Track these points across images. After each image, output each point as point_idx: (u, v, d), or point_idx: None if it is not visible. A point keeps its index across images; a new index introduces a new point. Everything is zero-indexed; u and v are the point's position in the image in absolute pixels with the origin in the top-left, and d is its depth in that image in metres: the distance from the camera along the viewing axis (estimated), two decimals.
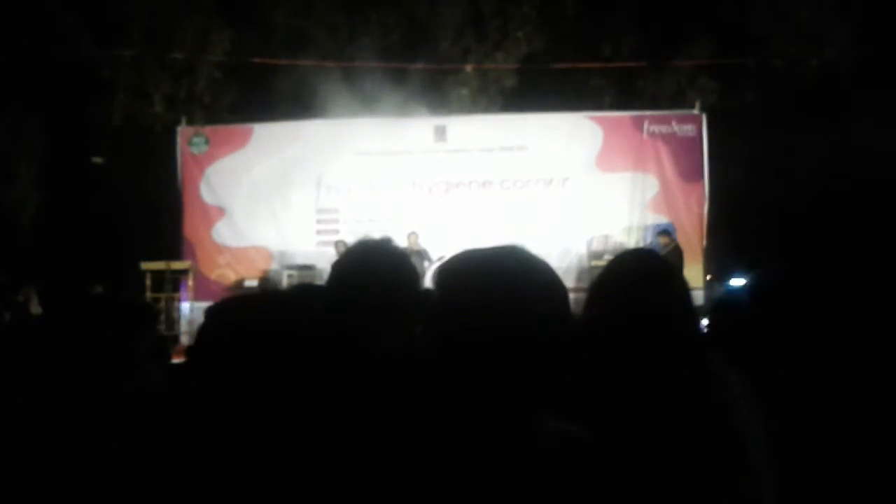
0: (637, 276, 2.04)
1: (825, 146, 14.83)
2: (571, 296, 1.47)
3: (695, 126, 15.64)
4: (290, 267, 14.74)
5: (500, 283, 1.35)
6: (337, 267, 2.00)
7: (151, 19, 15.67)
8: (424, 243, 13.64)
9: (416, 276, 2.01)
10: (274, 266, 15.48)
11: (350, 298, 1.92)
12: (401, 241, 10.87)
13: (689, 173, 15.51)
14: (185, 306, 14.38)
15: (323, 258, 13.94)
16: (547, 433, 1.29)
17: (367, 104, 15.71)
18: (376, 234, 2.09)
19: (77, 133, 17.00)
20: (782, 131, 15.43)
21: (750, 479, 1.92)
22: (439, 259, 12.58)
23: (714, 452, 1.86)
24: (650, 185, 15.55)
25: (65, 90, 16.26)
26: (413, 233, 13.57)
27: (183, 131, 16.05)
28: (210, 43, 15.76)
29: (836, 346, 2.32)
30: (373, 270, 1.92)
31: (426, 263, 13.23)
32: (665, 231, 14.00)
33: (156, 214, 15.90)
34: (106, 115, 15.90)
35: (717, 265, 15.73)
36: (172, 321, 14.26)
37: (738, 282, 12.28)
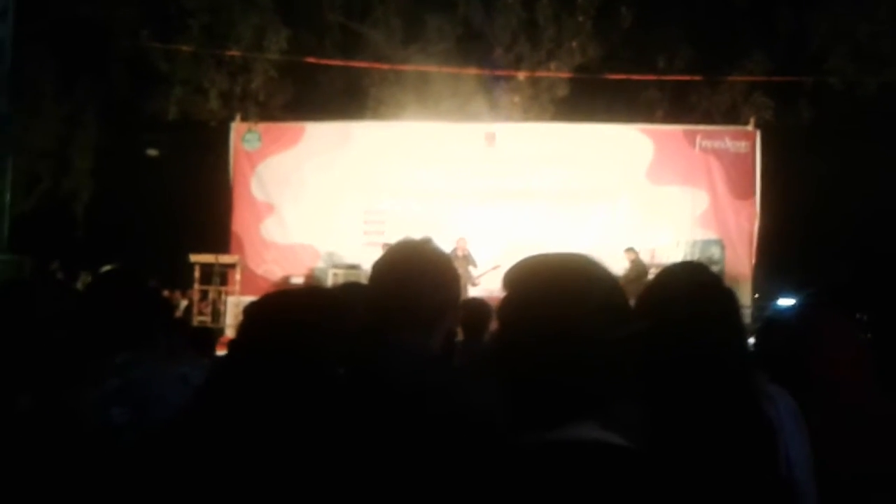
0: (686, 289, 2.03)
1: (880, 168, 14.58)
2: None
3: (748, 142, 15.49)
4: (337, 265, 14.83)
5: (563, 286, 1.38)
6: (374, 267, 2.02)
7: (210, 16, 15.87)
8: (472, 248, 13.56)
9: (449, 279, 1.98)
10: (320, 264, 15.60)
11: (381, 298, 1.93)
12: (448, 245, 10.70)
13: (741, 190, 15.36)
14: (232, 300, 14.54)
15: (369, 258, 14.04)
16: (589, 442, 1.28)
17: (418, 107, 15.76)
18: (420, 235, 2.08)
19: (133, 125, 17.29)
20: (837, 151, 15.18)
21: (791, 499, 1.91)
22: (495, 268, 12.57)
23: (756, 468, 1.85)
24: (700, 199, 15.41)
25: (122, 82, 16.55)
26: (462, 238, 13.53)
27: (237, 127, 16.28)
28: (267, 41, 15.92)
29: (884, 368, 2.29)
30: (403, 270, 1.92)
31: (471, 268, 13.22)
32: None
33: (207, 208, 16.11)
34: (162, 109, 16.14)
35: (766, 283, 15.54)
36: (219, 314, 14.43)
37: (786, 301, 12.11)
